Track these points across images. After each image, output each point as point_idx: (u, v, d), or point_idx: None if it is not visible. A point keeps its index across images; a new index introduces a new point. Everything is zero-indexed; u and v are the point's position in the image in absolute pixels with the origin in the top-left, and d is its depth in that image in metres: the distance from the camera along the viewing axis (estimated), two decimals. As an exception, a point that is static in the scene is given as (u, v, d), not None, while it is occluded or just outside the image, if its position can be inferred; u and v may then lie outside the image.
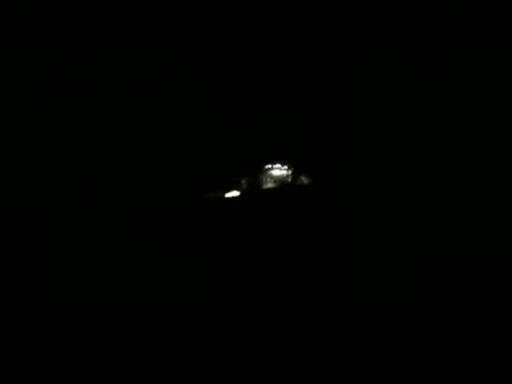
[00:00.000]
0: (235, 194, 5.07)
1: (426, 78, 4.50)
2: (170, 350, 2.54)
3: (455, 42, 4.39)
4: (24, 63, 4.53)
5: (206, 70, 4.89)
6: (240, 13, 4.65)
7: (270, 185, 4.99)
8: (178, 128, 4.94)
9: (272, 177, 4.98)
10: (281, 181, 4.96)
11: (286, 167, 4.96)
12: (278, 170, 4.97)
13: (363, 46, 4.59)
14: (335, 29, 4.61)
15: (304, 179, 4.92)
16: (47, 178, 4.28)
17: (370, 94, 4.65)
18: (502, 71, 4.26)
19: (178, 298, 3.27)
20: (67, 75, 4.67)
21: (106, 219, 4.23)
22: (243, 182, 5.10)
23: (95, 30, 4.59)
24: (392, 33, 4.51)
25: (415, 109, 4.52)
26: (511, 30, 4.21)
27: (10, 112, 4.50)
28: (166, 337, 2.68)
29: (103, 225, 4.17)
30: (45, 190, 4.12)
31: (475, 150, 4.23)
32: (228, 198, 5.04)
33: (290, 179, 4.94)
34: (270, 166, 5.00)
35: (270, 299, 3.28)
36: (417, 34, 4.45)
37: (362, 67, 4.64)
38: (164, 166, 4.92)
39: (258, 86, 4.82)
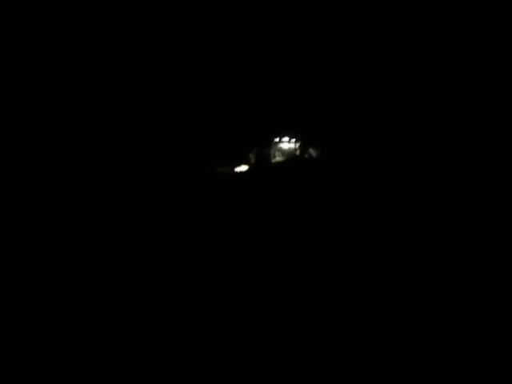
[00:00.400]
0: (244, 168, 5.10)
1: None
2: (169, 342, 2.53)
3: (455, 42, 4.34)
4: (24, 63, 4.50)
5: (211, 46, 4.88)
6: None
7: (278, 158, 5.02)
8: (185, 101, 4.95)
9: (280, 150, 5.00)
10: (289, 154, 4.98)
11: (294, 140, 4.97)
12: (287, 144, 4.99)
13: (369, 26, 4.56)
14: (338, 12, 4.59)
15: (312, 152, 4.94)
16: (47, 178, 4.28)
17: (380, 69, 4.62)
18: (502, 71, 4.21)
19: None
20: (67, 75, 4.63)
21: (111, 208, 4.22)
22: (251, 155, 5.13)
23: (95, 30, 4.56)
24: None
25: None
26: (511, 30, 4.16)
27: (9, 112, 4.49)
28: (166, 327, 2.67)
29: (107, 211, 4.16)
30: (44, 189, 4.12)
31: (474, 147, 4.20)
32: (237, 172, 5.08)
33: (298, 152, 4.96)
34: (278, 139, 5.02)
35: (277, 278, 3.30)
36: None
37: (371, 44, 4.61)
38: (173, 141, 4.95)
39: (266, 62, 4.80)
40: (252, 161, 5.10)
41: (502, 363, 2.41)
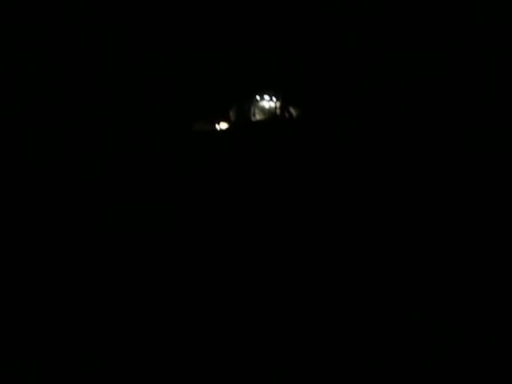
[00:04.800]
0: (223, 126, 5.05)
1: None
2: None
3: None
4: (24, 63, 4.41)
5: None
6: None
7: (258, 117, 4.97)
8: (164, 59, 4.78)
9: (261, 108, 4.94)
10: (270, 113, 4.93)
11: (275, 99, 4.90)
12: (267, 102, 4.92)
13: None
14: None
15: (293, 111, 4.90)
16: (47, 178, 4.14)
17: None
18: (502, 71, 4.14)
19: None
20: (67, 75, 4.52)
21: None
22: (231, 113, 5.06)
23: (95, 30, 4.52)
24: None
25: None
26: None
27: (10, 112, 4.35)
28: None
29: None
30: (45, 189, 3.99)
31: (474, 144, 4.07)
32: (217, 130, 5.03)
33: (278, 111, 4.91)
34: (258, 97, 4.93)
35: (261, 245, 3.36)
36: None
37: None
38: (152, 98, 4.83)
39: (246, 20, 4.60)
40: (232, 118, 5.04)
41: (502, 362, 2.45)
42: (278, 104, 4.89)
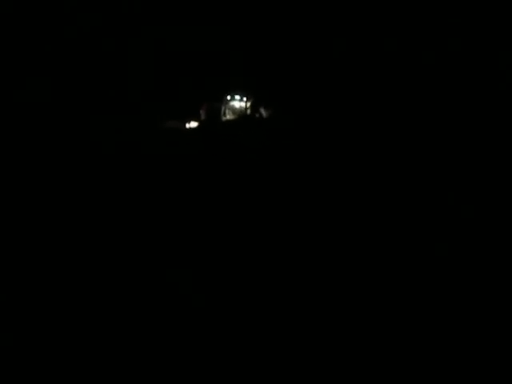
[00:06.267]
0: (193, 124, 5.06)
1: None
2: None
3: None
4: (24, 63, 4.43)
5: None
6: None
7: (228, 116, 5.02)
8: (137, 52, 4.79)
9: (231, 108, 4.99)
10: (240, 112, 4.98)
11: (245, 99, 4.96)
12: (237, 102, 4.98)
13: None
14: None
15: (263, 112, 4.97)
16: (47, 178, 4.06)
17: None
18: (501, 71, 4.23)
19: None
20: (67, 75, 4.55)
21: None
22: (202, 111, 5.09)
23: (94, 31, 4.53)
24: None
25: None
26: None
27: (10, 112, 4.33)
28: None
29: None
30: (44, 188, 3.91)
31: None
32: (187, 129, 5.04)
33: (249, 111, 4.97)
34: (229, 97, 4.98)
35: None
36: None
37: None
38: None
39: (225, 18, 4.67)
40: (202, 117, 5.06)
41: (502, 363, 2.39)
42: (249, 104, 4.96)
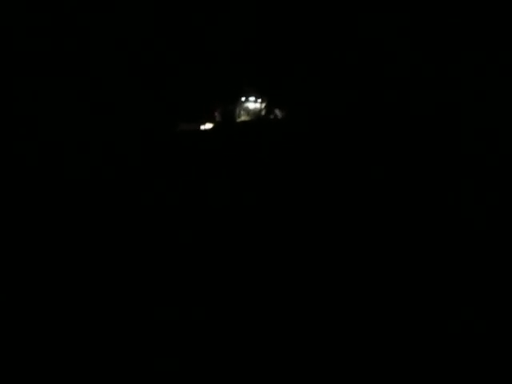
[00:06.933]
0: (209, 126, 5.08)
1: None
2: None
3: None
4: (24, 63, 4.43)
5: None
6: None
7: (243, 118, 5.03)
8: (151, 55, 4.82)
9: (246, 109, 5.00)
10: (255, 114, 4.99)
11: (260, 100, 4.97)
12: (252, 103, 4.98)
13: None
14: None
15: (278, 113, 4.97)
16: (47, 177, 4.10)
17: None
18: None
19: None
20: (67, 75, 4.56)
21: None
22: (217, 113, 5.10)
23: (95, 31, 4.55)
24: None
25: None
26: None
27: (10, 112, 4.35)
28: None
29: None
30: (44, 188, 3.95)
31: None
32: (202, 131, 5.06)
33: (263, 112, 4.98)
34: (243, 98, 4.99)
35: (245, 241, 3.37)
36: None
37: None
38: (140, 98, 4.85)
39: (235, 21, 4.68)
40: (217, 119, 5.08)
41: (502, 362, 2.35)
42: (263, 105, 4.97)
